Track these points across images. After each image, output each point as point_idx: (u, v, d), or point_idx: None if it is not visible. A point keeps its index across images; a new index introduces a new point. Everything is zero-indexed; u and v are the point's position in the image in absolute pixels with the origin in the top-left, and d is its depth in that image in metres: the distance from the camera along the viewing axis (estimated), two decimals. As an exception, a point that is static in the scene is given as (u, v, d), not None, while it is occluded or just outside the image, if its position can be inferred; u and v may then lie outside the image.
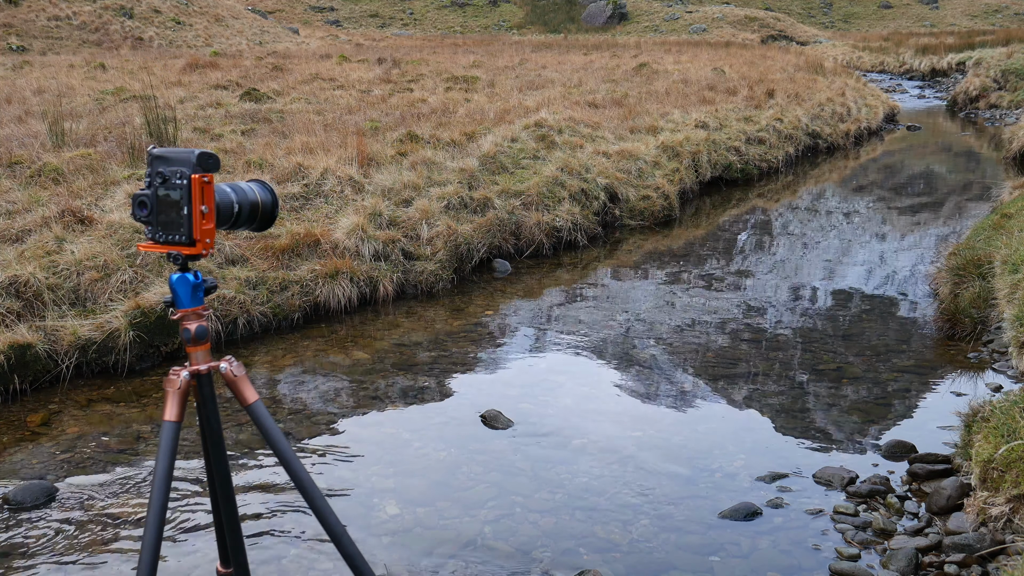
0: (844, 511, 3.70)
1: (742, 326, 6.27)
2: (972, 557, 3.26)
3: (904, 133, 17.27)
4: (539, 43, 29.69)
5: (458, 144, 9.12)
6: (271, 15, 41.73)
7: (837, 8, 57.83)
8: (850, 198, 11.12)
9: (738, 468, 4.14)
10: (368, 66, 17.28)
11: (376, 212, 7.05)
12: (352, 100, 12.47)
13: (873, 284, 7.31)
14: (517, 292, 7.00)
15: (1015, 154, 12.34)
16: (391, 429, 4.61)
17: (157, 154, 2.05)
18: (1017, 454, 3.35)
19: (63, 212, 6.19)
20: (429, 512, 3.75)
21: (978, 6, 56.44)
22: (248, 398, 2.20)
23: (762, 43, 37.73)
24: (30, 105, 10.97)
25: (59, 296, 5.42)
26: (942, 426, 4.52)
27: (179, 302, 2.12)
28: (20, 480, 4.03)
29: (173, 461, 2.09)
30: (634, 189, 9.38)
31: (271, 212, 2.24)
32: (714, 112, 12.65)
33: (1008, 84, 20.19)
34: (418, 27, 48.87)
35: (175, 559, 3.41)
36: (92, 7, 27.06)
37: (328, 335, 5.99)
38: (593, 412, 4.85)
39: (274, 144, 8.50)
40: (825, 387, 5.16)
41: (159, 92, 11.65)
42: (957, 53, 28.38)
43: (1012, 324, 5.03)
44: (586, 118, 11.13)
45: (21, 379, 4.91)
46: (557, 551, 3.46)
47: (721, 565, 3.38)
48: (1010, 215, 7.38)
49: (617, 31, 45.34)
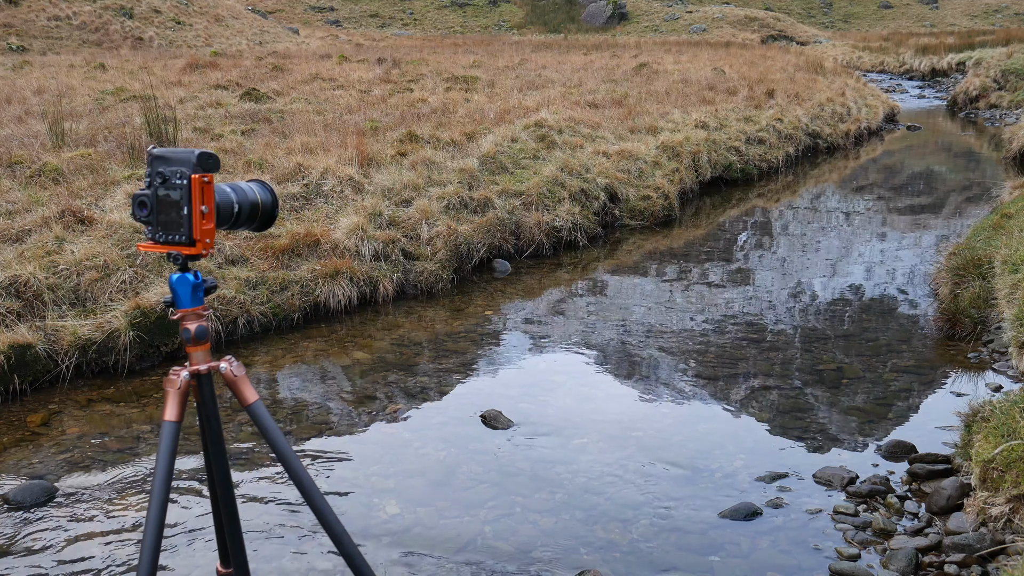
0: (844, 511, 3.70)
1: (742, 326, 6.27)
2: (972, 557, 3.26)
3: (904, 133, 17.27)
4: (539, 43, 29.70)
5: (458, 144, 9.12)
6: (271, 15, 41.73)
7: (837, 8, 57.83)
8: (850, 198, 11.12)
9: (738, 468, 4.14)
10: (368, 66, 17.28)
11: (376, 212, 7.05)
12: (352, 100, 12.47)
13: (873, 284, 7.31)
14: (517, 292, 7.00)
15: (1015, 154, 12.34)
16: (391, 429, 4.61)
17: (157, 154, 2.05)
18: (1017, 454, 3.35)
19: (63, 212, 6.19)
20: (429, 512, 3.75)
21: (978, 6, 56.44)
22: (248, 398, 2.20)
23: (762, 43, 37.74)
24: (30, 105, 10.97)
25: (59, 296, 5.42)
26: (942, 426, 4.52)
27: (179, 302, 2.12)
28: (20, 480, 4.03)
29: (173, 461, 2.09)
30: (634, 189, 9.38)
31: (271, 212, 2.24)
32: (714, 112, 12.65)
33: (1008, 84, 20.19)
34: (418, 27, 48.87)
35: (175, 559, 3.41)
36: (92, 7, 27.05)
37: (328, 335, 5.99)
38: (593, 412, 4.85)
39: (274, 144, 8.50)
40: (825, 387, 5.16)
41: (159, 92, 11.65)
42: (957, 53, 28.39)
43: (1012, 324, 5.03)
44: (586, 118, 11.12)
45: (21, 379, 4.90)
46: (557, 551, 3.46)
47: (721, 565, 3.38)
48: (1010, 215, 7.39)
49: (617, 31, 45.35)
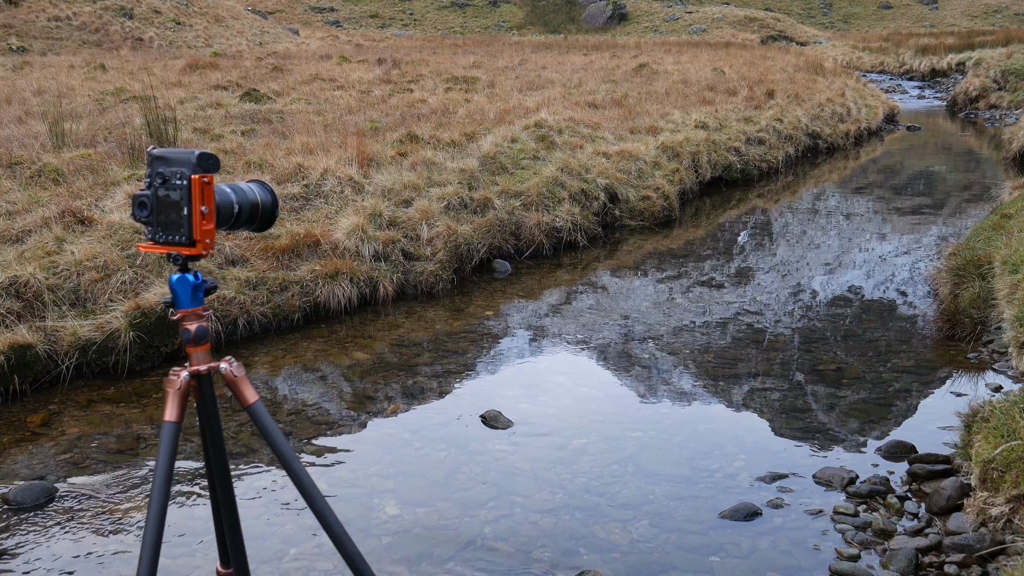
0: (844, 511, 3.70)
1: (742, 326, 6.27)
2: (972, 557, 3.26)
3: (904, 133, 17.27)
4: (539, 43, 29.70)
5: (458, 144, 9.12)
6: (271, 16, 41.75)
7: (837, 8, 57.83)
8: (850, 198, 11.12)
9: (738, 468, 4.14)
10: (368, 67, 17.28)
11: (376, 212, 7.05)
12: (352, 100, 12.46)
13: (873, 284, 7.31)
14: (517, 292, 7.00)
15: (1015, 154, 12.33)
16: (391, 429, 4.61)
17: (157, 154, 2.05)
18: (1017, 454, 3.35)
19: (63, 212, 6.19)
20: (429, 512, 3.75)
21: (978, 6, 56.45)
22: (248, 398, 2.20)
23: (762, 43, 37.76)
24: (30, 106, 10.97)
25: (59, 297, 5.42)
26: (942, 426, 4.52)
27: (179, 303, 2.12)
28: (20, 480, 4.03)
29: (173, 461, 2.09)
30: (634, 189, 9.38)
31: (271, 213, 2.24)
32: (714, 112, 12.65)
33: (1008, 84, 20.20)
34: (418, 28, 48.88)
35: (175, 559, 3.40)
36: (92, 8, 27.06)
37: (328, 335, 5.99)
38: (593, 412, 4.85)
39: (274, 145, 8.50)
40: (825, 387, 5.16)
41: (159, 93, 11.65)
42: (957, 53, 28.40)
43: (1012, 324, 5.03)
44: (586, 118, 11.12)
45: (21, 379, 4.91)
46: (557, 551, 3.46)
47: (721, 565, 3.38)
48: (1010, 215, 7.39)
49: (617, 31, 45.35)
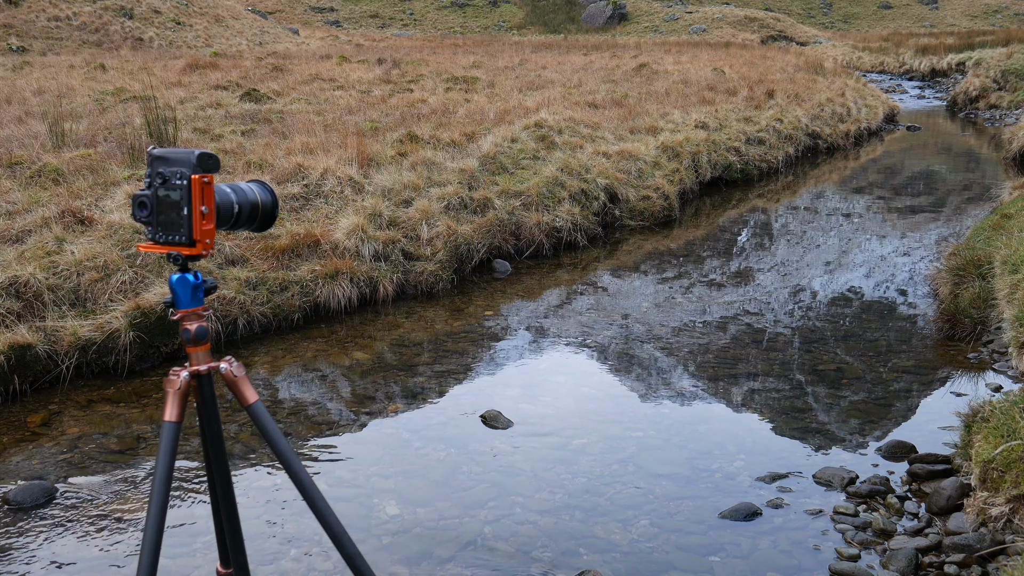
0: (844, 511, 3.70)
1: (742, 326, 6.27)
2: (972, 557, 3.26)
3: (904, 133, 17.27)
4: (539, 43, 29.70)
5: (458, 144, 9.12)
6: (271, 15, 41.74)
7: (837, 8, 57.83)
8: (850, 198, 11.12)
9: (738, 468, 4.14)
10: (368, 66, 17.28)
11: (376, 212, 7.05)
12: (352, 100, 12.46)
13: (873, 284, 7.31)
14: (517, 292, 7.00)
15: (1015, 154, 12.33)
16: (391, 429, 4.61)
17: (157, 154, 2.05)
18: (1017, 454, 3.35)
19: (63, 212, 6.19)
20: (429, 512, 3.75)
21: (978, 6, 56.45)
22: (248, 398, 2.19)
23: (762, 43, 37.76)
24: (30, 106, 10.97)
25: (59, 297, 5.42)
26: (942, 426, 4.53)
27: (179, 303, 2.11)
28: (20, 480, 4.03)
29: (173, 461, 2.09)
30: (634, 189, 9.38)
31: (271, 213, 2.24)
32: (714, 112, 12.65)
33: (1008, 84, 20.19)
34: (418, 28, 48.87)
35: (175, 559, 3.41)
36: (92, 8, 27.05)
37: (328, 335, 5.99)
38: (593, 412, 4.85)
39: (274, 144, 8.50)
40: (825, 387, 5.16)
41: (159, 93, 11.65)
42: (957, 53, 28.39)
43: (1012, 324, 5.03)
44: (586, 118, 11.12)
45: (21, 379, 4.91)
46: (557, 551, 3.46)
47: (721, 565, 3.38)
48: (1010, 215, 7.39)
49: (617, 31, 45.35)
